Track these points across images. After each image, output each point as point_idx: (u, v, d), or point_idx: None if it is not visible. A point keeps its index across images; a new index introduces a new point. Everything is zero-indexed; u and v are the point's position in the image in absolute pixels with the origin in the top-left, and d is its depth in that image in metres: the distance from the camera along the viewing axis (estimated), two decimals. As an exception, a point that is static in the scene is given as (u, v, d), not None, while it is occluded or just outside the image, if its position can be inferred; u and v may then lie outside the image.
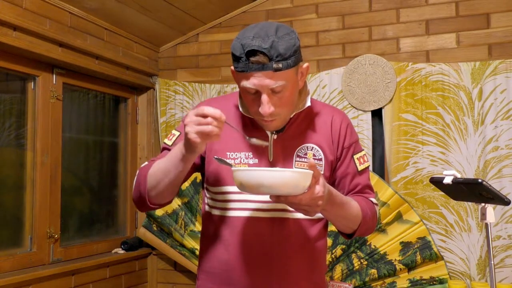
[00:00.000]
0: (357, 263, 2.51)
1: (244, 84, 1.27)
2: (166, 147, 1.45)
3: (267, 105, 1.27)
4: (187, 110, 3.11)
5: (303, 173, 1.12)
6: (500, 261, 2.47)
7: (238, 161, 1.39)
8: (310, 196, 1.14)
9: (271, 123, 1.34)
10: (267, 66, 1.24)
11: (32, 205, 2.46)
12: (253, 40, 1.24)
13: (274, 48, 1.24)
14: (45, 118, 2.52)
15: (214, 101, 1.52)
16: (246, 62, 1.25)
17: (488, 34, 2.59)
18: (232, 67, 1.36)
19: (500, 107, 2.50)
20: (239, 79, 1.30)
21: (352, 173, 1.45)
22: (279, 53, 1.24)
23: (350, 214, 1.35)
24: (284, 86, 1.28)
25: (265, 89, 1.26)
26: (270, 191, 1.13)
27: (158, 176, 1.30)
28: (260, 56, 1.23)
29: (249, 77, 1.26)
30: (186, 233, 2.88)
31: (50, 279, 2.42)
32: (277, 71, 1.25)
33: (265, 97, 1.27)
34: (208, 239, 1.46)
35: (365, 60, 2.75)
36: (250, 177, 1.12)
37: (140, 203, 1.37)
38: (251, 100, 1.31)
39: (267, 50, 1.23)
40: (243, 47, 1.25)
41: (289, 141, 1.40)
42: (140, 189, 1.35)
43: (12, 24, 2.19)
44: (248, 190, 1.15)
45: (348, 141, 1.45)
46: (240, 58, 1.26)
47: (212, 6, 2.94)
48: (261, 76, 1.25)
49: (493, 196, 1.51)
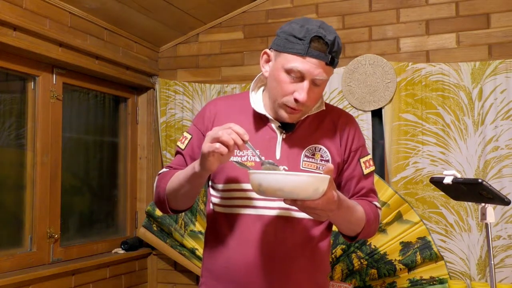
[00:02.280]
0: (357, 263, 2.51)
1: (294, 65, 1.29)
2: (180, 151, 1.50)
3: (306, 93, 1.30)
4: (187, 110, 3.11)
5: (322, 178, 1.12)
6: (500, 261, 2.47)
7: (244, 159, 1.40)
8: (327, 200, 1.15)
9: (295, 113, 1.35)
10: (325, 56, 1.29)
11: (32, 205, 2.46)
12: (320, 29, 1.29)
13: (336, 43, 1.31)
14: (45, 118, 2.52)
15: (226, 99, 1.53)
16: (307, 46, 1.28)
17: (488, 34, 2.59)
18: (266, 50, 1.39)
19: (500, 107, 2.50)
20: (285, 61, 1.31)
21: (358, 177, 1.45)
22: (337, 50, 1.31)
23: (355, 218, 1.36)
24: (324, 82, 1.33)
25: (312, 76, 1.30)
26: (290, 195, 1.12)
27: (175, 190, 1.38)
28: (323, 45, 1.28)
29: (303, 61, 1.29)
30: (186, 233, 2.88)
31: (50, 279, 2.42)
32: (328, 65, 1.31)
33: (307, 84, 1.31)
34: (212, 237, 1.47)
35: (365, 60, 2.75)
36: (270, 180, 1.11)
37: (161, 208, 1.47)
38: (288, 84, 1.32)
39: (330, 42, 1.28)
40: (309, 31, 1.28)
41: (297, 141, 1.41)
42: (159, 197, 1.44)
43: (12, 24, 2.19)
44: (267, 193, 1.14)
45: (356, 145, 1.46)
46: (302, 40, 1.28)
47: (212, 6, 2.94)
48: (315, 64, 1.29)
49: (493, 196, 1.51)
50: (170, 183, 1.39)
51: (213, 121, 1.45)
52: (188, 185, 1.34)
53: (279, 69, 1.33)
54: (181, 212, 1.48)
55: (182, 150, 1.48)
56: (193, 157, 1.46)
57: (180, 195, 1.38)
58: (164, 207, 1.43)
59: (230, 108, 1.48)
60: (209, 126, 1.45)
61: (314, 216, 1.20)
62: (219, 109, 1.48)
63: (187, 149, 1.48)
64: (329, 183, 1.14)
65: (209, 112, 1.48)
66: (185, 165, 1.47)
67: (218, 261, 1.43)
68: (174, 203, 1.42)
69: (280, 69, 1.32)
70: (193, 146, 1.47)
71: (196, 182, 1.32)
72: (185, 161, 1.48)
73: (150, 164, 3.24)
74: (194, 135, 1.48)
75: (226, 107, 1.48)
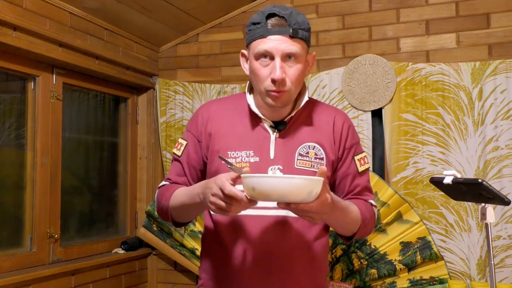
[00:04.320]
0: (357, 263, 2.51)
1: (259, 48, 1.32)
2: (177, 158, 1.51)
3: (280, 70, 1.31)
4: (187, 110, 3.11)
5: (316, 181, 1.11)
6: (500, 261, 2.47)
7: (239, 160, 1.39)
8: (321, 203, 1.14)
9: (279, 97, 1.34)
10: (285, 30, 1.31)
11: (32, 205, 2.46)
12: (274, 8, 1.33)
13: (293, 16, 1.32)
14: (45, 118, 2.52)
15: (218, 102, 1.53)
16: (265, 26, 1.31)
17: (488, 34, 2.59)
18: (242, 50, 1.42)
19: (500, 107, 2.50)
20: (253, 49, 1.34)
21: (353, 174, 1.45)
22: (297, 21, 1.32)
23: (350, 219, 1.36)
24: (297, 55, 1.33)
25: (280, 52, 1.31)
26: (283, 198, 1.11)
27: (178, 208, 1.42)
28: (280, 20, 1.31)
29: (266, 41, 1.31)
30: (186, 233, 2.88)
31: (50, 279, 2.42)
32: (293, 38, 1.31)
33: (279, 61, 1.31)
34: (209, 238, 1.47)
35: (365, 60, 2.75)
36: (264, 184, 1.10)
37: (164, 219, 1.51)
38: (262, 69, 1.34)
39: (286, 15, 1.31)
40: (263, 13, 1.33)
41: (291, 140, 1.41)
42: (163, 212, 1.48)
43: (12, 24, 2.19)
44: (261, 197, 1.12)
45: (350, 142, 1.45)
46: (259, 23, 1.32)
47: (212, 6, 2.94)
48: (278, 40, 1.30)
49: (493, 196, 1.51)
50: (173, 201, 1.42)
51: (206, 125, 1.46)
52: (192, 209, 1.39)
53: (252, 59, 1.36)
54: (186, 224, 1.53)
55: (179, 157, 1.50)
56: (190, 163, 1.48)
57: (184, 214, 1.44)
58: (169, 220, 1.48)
59: (224, 110, 1.48)
60: (203, 130, 1.46)
61: (308, 219, 1.19)
62: (212, 112, 1.48)
63: (184, 156, 1.49)
64: (323, 186, 1.13)
65: (201, 117, 1.48)
66: (183, 172, 1.49)
67: (217, 262, 1.43)
68: (178, 218, 1.47)
69: (252, 59, 1.35)
70: (189, 152, 1.48)
71: (202, 209, 1.38)
72: (183, 168, 1.49)
73: (150, 164, 3.24)
74: (189, 141, 1.49)
75: (219, 109, 1.48)
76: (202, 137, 1.46)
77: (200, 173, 1.49)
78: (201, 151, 1.47)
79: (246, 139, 1.39)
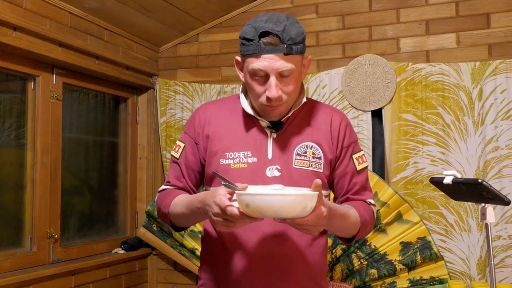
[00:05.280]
0: (357, 263, 2.51)
1: (253, 66, 1.29)
2: (175, 160, 1.51)
3: (275, 88, 1.29)
4: (187, 110, 3.11)
5: (310, 196, 1.10)
6: (500, 261, 2.47)
7: (237, 161, 1.39)
8: (316, 217, 1.14)
9: (276, 109, 1.35)
10: (279, 48, 1.28)
11: (32, 205, 2.46)
12: (266, 23, 1.29)
13: (286, 32, 1.28)
14: (45, 118, 2.52)
15: (214, 103, 1.53)
16: (258, 44, 1.28)
17: (488, 34, 2.59)
18: (236, 57, 1.39)
19: (500, 107, 2.50)
20: (247, 64, 1.32)
21: (351, 173, 1.45)
22: (291, 37, 1.29)
23: (349, 223, 1.36)
24: (292, 71, 1.31)
25: (274, 71, 1.29)
26: (278, 215, 1.10)
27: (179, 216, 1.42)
28: (273, 38, 1.27)
29: (260, 60, 1.28)
30: (186, 233, 2.88)
31: (50, 279, 2.42)
32: (288, 55, 1.29)
33: (274, 80, 1.29)
34: (209, 239, 1.47)
35: (365, 60, 2.75)
36: (257, 201, 1.09)
37: (166, 223, 1.51)
38: (258, 86, 1.33)
39: (279, 32, 1.27)
40: (256, 30, 1.29)
41: (288, 140, 1.41)
42: (163, 216, 1.49)
43: (12, 24, 2.19)
44: (256, 214, 1.11)
45: (348, 141, 1.45)
46: (252, 40, 1.29)
47: (212, 6, 2.94)
48: (272, 58, 1.28)
49: (493, 196, 1.51)
50: (173, 208, 1.42)
51: (203, 127, 1.46)
52: (192, 220, 1.40)
53: (246, 74, 1.34)
54: (186, 229, 1.54)
55: (177, 160, 1.50)
56: (188, 165, 1.48)
57: (183, 222, 1.45)
58: (169, 225, 1.49)
59: (220, 111, 1.48)
60: (200, 132, 1.46)
61: (305, 231, 1.19)
62: (208, 114, 1.48)
63: (182, 158, 1.49)
64: (318, 199, 1.12)
65: (198, 118, 1.48)
66: (181, 175, 1.49)
67: (217, 262, 1.43)
68: (178, 224, 1.47)
69: (247, 73, 1.34)
70: (187, 154, 1.48)
71: (201, 219, 1.38)
72: (181, 171, 1.49)
73: (150, 164, 3.24)
74: (187, 143, 1.49)
75: (216, 111, 1.48)
76: (199, 139, 1.46)
77: (199, 175, 1.50)
78: (198, 153, 1.47)
79: (243, 140, 1.39)
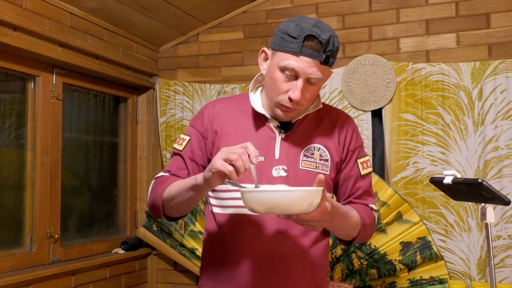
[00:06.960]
0: (357, 263, 2.51)
1: (287, 64, 1.30)
2: (178, 152, 1.48)
3: (299, 92, 1.30)
4: (187, 110, 3.11)
5: (316, 191, 1.11)
6: (500, 261, 2.47)
7: None
8: (321, 212, 1.15)
9: (289, 112, 1.36)
10: (318, 56, 1.29)
11: (32, 205, 2.46)
12: (314, 28, 1.28)
13: (331, 42, 1.30)
14: (45, 118, 2.52)
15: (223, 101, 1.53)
16: (301, 44, 1.28)
17: (488, 34, 2.59)
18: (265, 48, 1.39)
19: (500, 107, 2.50)
20: (279, 59, 1.32)
21: (355, 177, 1.46)
22: (332, 49, 1.30)
23: (350, 224, 1.37)
24: (319, 80, 1.33)
25: (305, 75, 1.30)
26: (284, 211, 1.11)
27: (173, 198, 1.35)
28: (317, 44, 1.28)
29: (297, 59, 1.29)
30: (186, 233, 2.88)
31: (50, 279, 2.42)
32: (323, 65, 1.30)
33: (301, 83, 1.31)
34: (210, 238, 1.47)
35: (365, 60, 2.75)
36: (264, 199, 1.09)
37: (155, 213, 1.43)
38: (282, 83, 1.33)
39: (324, 41, 1.28)
40: (303, 30, 1.28)
41: (296, 141, 1.41)
42: (155, 202, 1.41)
43: (12, 24, 2.19)
44: (262, 211, 1.12)
45: (354, 145, 1.46)
46: (296, 38, 1.28)
47: (212, 6, 2.94)
48: (308, 63, 1.29)
49: (493, 196, 1.51)
50: (168, 191, 1.37)
51: (212, 122, 1.45)
52: (187, 196, 1.32)
53: (275, 67, 1.33)
54: (174, 220, 1.46)
55: (180, 152, 1.47)
56: (192, 159, 1.46)
57: (177, 204, 1.37)
58: (158, 212, 1.41)
59: (229, 109, 1.48)
60: (209, 127, 1.45)
61: (309, 227, 1.20)
62: (218, 110, 1.47)
63: (186, 150, 1.46)
64: (322, 194, 1.14)
65: (208, 113, 1.47)
66: (185, 166, 1.46)
67: (218, 262, 1.43)
68: (169, 210, 1.40)
69: (276, 67, 1.33)
70: (192, 148, 1.46)
71: (196, 195, 1.31)
72: (185, 162, 1.46)
73: (150, 164, 3.24)
74: (193, 137, 1.47)
75: (225, 108, 1.48)
76: (208, 134, 1.45)
77: (202, 169, 1.46)
78: (205, 147, 1.45)
79: (251, 139, 1.39)
